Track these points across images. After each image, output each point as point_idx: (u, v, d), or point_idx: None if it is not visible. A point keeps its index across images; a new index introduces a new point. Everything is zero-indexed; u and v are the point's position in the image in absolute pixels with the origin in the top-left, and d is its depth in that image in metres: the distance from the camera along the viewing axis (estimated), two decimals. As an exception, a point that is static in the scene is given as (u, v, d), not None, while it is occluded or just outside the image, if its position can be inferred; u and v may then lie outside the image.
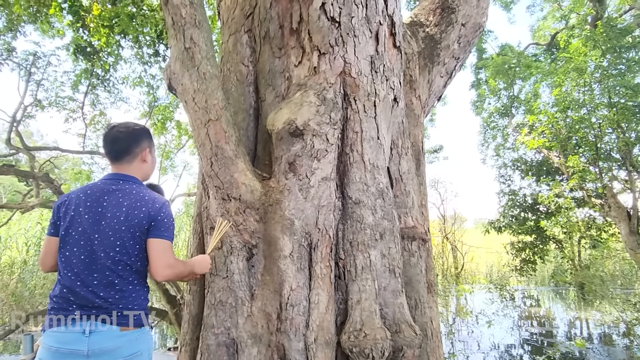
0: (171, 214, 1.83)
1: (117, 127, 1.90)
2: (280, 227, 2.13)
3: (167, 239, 1.74)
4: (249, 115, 2.61)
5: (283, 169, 2.19)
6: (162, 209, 1.76)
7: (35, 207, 4.85)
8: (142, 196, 1.77)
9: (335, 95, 2.23)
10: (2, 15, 7.68)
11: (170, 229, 1.79)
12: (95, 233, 1.69)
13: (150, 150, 1.96)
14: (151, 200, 1.77)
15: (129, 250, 1.70)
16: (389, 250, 2.17)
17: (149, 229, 1.71)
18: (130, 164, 1.87)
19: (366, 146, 2.25)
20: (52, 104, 8.04)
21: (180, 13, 2.27)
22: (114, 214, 1.71)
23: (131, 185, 1.81)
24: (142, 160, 1.90)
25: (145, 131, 1.96)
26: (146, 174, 1.95)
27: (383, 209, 2.23)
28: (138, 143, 1.89)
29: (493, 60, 9.89)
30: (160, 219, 1.73)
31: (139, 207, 1.73)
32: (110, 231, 1.69)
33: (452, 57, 3.42)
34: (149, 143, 1.95)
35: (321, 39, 2.25)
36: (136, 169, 1.88)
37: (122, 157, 1.85)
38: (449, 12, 3.42)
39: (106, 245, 1.68)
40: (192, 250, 2.54)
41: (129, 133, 1.88)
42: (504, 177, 11.24)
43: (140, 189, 1.81)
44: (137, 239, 1.71)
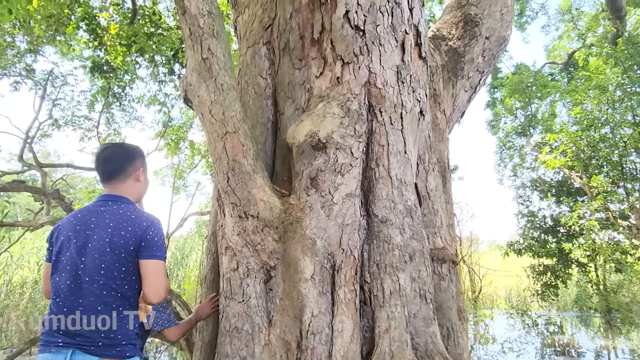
0: (161, 232, 1.74)
1: (111, 147, 1.90)
2: (300, 247, 1.98)
3: (160, 259, 1.66)
4: (267, 129, 2.49)
5: (304, 185, 2.05)
6: (150, 227, 1.68)
7: (45, 224, 4.80)
8: (129, 215, 1.71)
9: (360, 106, 2.10)
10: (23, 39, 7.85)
11: (163, 248, 1.71)
12: (82, 257, 1.64)
13: (144, 170, 1.93)
14: (138, 218, 1.70)
15: (114, 273, 1.62)
16: (419, 274, 1.99)
17: (137, 249, 1.64)
18: (123, 182, 1.83)
19: (393, 160, 2.10)
20: (68, 122, 8.11)
21: (198, 23, 2.19)
22: (100, 235, 1.65)
23: (119, 205, 1.75)
24: (135, 180, 1.87)
25: (139, 151, 1.94)
26: (139, 194, 1.92)
27: (412, 228, 2.06)
28: (132, 162, 1.86)
29: (509, 79, 9.76)
30: (150, 238, 1.66)
31: (124, 227, 1.66)
32: (96, 254, 1.63)
33: (477, 70, 3.29)
34: (142, 163, 1.92)
35: (345, 48, 2.14)
36: (129, 188, 1.84)
37: (116, 177, 1.82)
38: (472, 25, 3.31)
39: (91, 269, 1.61)
40: (206, 272, 2.39)
41: (122, 152, 1.87)
42: (522, 197, 10.94)
43: (128, 208, 1.74)
44: (123, 260, 1.63)
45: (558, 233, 9.95)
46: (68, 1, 5.13)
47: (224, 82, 2.13)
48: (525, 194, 11.01)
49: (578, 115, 7.56)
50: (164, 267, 1.69)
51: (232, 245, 2.10)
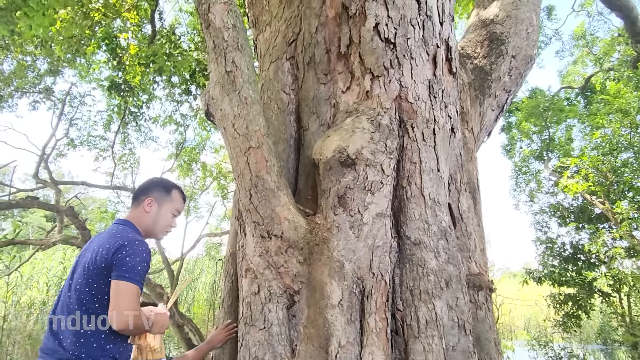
0: (138, 254, 1.61)
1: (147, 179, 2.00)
2: (327, 270, 1.84)
3: (130, 282, 1.53)
4: (290, 146, 2.39)
5: (331, 203, 1.92)
6: (126, 246, 1.59)
7: (57, 243, 4.71)
8: (114, 234, 1.67)
9: (391, 121, 1.99)
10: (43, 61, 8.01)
11: (135, 271, 1.56)
12: (74, 275, 1.65)
13: (158, 202, 1.88)
14: (118, 236, 1.64)
15: (85, 289, 1.58)
16: (456, 302, 1.83)
17: (109, 267, 1.57)
18: (134, 210, 1.86)
19: (426, 179, 1.97)
20: (84, 142, 8.16)
21: (223, 36, 2.13)
22: (90, 254, 1.64)
23: (118, 227, 1.74)
24: (144, 208, 1.85)
25: (159, 183, 1.94)
26: (146, 224, 1.84)
27: (447, 251, 1.91)
28: (146, 191, 1.88)
29: (525, 104, 9.66)
30: (122, 257, 1.57)
31: (104, 245, 1.61)
32: (82, 272, 1.62)
33: (504, 89, 3.19)
34: (158, 195, 1.89)
35: (375, 61, 2.06)
36: (136, 216, 1.84)
37: (132, 202, 1.89)
38: (498, 43, 3.23)
39: (74, 289, 1.61)
40: (223, 295, 2.25)
41: (146, 182, 1.94)
42: (540, 223, 10.64)
43: (120, 229, 1.71)
44: (94, 277, 1.58)
45: (579, 261, 9.59)
46: (90, 22, 5.22)
47: (248, 95, 2.05)
48: (543, 219, 10.70)
49: (599, 140, 7.38)
50: (132, 291, 1.53)
51: (253, 267, 1.97)
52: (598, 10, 11.32)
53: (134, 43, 5.49)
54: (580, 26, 12.32)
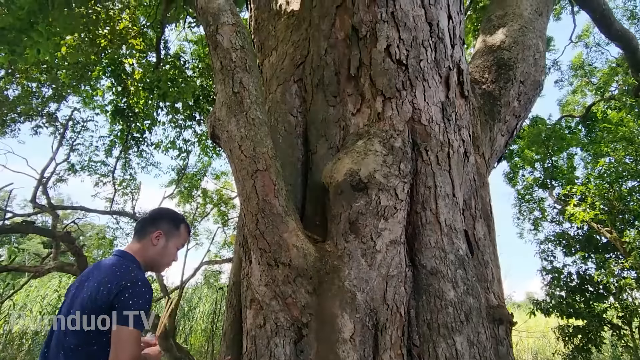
0: (143, 296, 1.52)
1: (153, 209, 1.92)
2: (338, 301, 1.71)
3: (130, 326, 1.45)
4: (297, 170, 2.31)
5: (342, 230, 1.82)
6: (130, 287, 1.50)
7: (52, 270, 4.54)
8: (115, 271, 1.57)
9: (405, 144, 1.91)
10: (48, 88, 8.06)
11: (137, 314, 1.48)
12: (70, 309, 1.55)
13: (166, 236, 1.80)
14: (121, 275, 1.54)
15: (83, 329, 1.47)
16: (477, 337, 1.70)
17: (109, 308, 1.47)
18: (139, 241, 1.77)
19: (441, 204, 1.88)
20: (85, 168, 8.10)
21: (231, 57, 2.09)
22: (87, 288, 1.55)
23: (118, 260, 1.66)
24: (151, 242, 1.77)
25: (169, 216, 1.87)
26: (150, 258, 1.77)
27: (465, 281, 1.79)
28: (155, 223, 1.81)
29: (526, 131, 9.69)
30: (125, 300, 1.47)
31: (105, 282, 1.52)
32: (78, 309, 1.51)
33: (513, 114, 3.14)
34: (167, 228, 1.82)
35: (386, 82, 2.00)
36: (141, 248, 1.76)
37: (137, 234, 1.80)
38: (506, 69, 3.20)
39: (69, 327, 1.50)
40: (226, 327, 2.11)
41: (153, 212, 1.86)
42: (545, 252, 10.43)
43: (121, 263, 1.62)
44: (93, 318, 1.48)
45: (586, 292, 9.33)
46: (96, 49, 5.26)
47: (256, 116, 1.99)
48: (548, 248, 10.50)
49: (602, 168, 7.32)
50: (135, 336, 1.46)
51: (258, 298, 1.85)
52: (595, 42, 11.53)
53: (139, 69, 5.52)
54: (578, 57, 12.50)
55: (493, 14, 3.60)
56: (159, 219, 1.83)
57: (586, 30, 11.83)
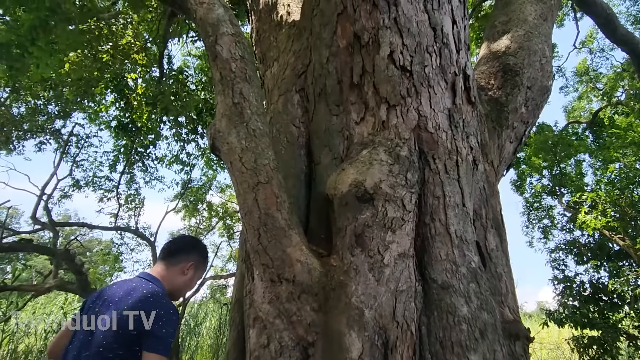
0: (173, 324, 1.60)
1: (184, 235, 1.98)
2: (345, 318, 1.63)
3: (162, 354, 1.51)
4: (300, 181, 2.24)
5: (348, 243, 1.74)
6: (163, 316, 1.56)
7: (52, 289, 4.47)
8: (147, 297, 1.61)
9: (411, 152, 1.84)
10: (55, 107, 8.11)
11: (167, 342, 1.54)
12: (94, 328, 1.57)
13: (196, 268, 1.86)
14: (153, 302, 1.59)
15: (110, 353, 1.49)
16: (494, 355, 1.60)
17: (141, 336, 1.52)
18: (169, 267, 1.80)
19: (451, 214, 1.80)
20: (89, 183, 8.09)
21: (230, 67, 2.04)
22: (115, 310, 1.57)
23: (147, 284, 1.69)
24: (182, 271, 1.81)
25: (202, 249, 1.92)
26: (177, 287, 1.82)
27: (479, 296, 1.70)
28: (188, 253, 1.84)
29: (533, 139, 9.60)
30: (158, 328, 1.53)
31: (137, 308, 1.55)
32: (104, 328, 1.54)
33: (521, 121, 3.07)
34: (198, 260, 1.87)
35: (390, 89, 1.94)
36: (171, 275, 1.80)
37: (167, 258, 1.81)
38: (513, 74, 3.14)
39: (95, 344, 1.51)
40: (228, 347, 2.02)
41: (187, 242, 1.88)
42: (556, 261, 10.24)
43: (151, 289, 1.65)
44: (122, 340, 1.51)
45: (600, 301, 9.11)
46: (99, 65, 5.28)
47: (257, 127, 1.94)
48: (559, 257, 10.31)
49: (613, 174, 7.19)
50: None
51: (262, 316, 1.77)
52: (600, 47, 11.47)
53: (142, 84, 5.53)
54: (583, 62, 12.44)
55: (497, 20, 3.55)
56: (193, 250, 1.87)
57: (590, 36, 11.78)
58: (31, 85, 5.76)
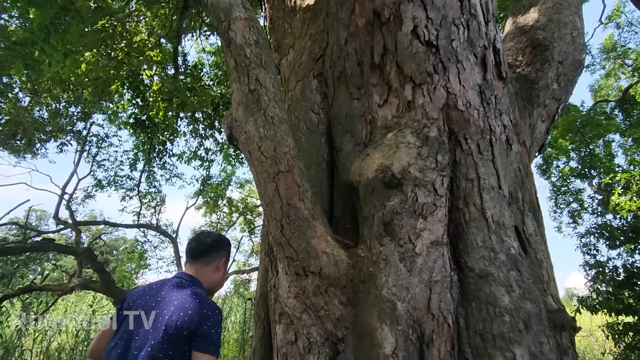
0: (220, 326, 1.59)
1: (206, 232, 1.96)
2: (376, 312, 1.53)
3: (214, 355, 1.50)
4: (322, 170, 2.15)
5: (376, 232, 1.64)
6: (211, 317, 1.55)
7: (76, 289, 4.52)
8: (194, 299, 1.59)
9: (440, 133, 1.72)
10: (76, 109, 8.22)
11: (218, 344, 1.55)
12: (139, 329, 1.56)
13: (226, 263, 1.88)
14: (201, 304, 1.57)
15: (159, 353, 1.47)
16: (540, 347, 1.47)
17: (191, 337, 1.50)
18: (204, 266, 1.78)
19: (486, 198, 1.67)
20: (111, 183, 8.19)
21: (245, 53, 1.95)
22: (161, 311, 1.57)
23: (191, 287, 1.67)
24: (216, 268, 1.81)
25: (228, 244, 1.92)
26: (214, 284, 1.83)
27: (520, 284, 1.57)
28: (218, 250, 1.84)
29: (560, 120, 9.22)
30: (207, 330, 1.52)
31: (185, 309, 1.54)
32: (151, 329, 1.53)
33: (553, 98, 2.88)
34: (227, 255, 1.89)
35: (416, 67, 1.81)
36: (207, 273, 1.78)
37: (200, 258, 1.79)
38: (542, 49, 2.95)
39: (141, 344, 1.50)
40: (254, 344, 1.96)
41: (214, 239, 1.87)
42: (587, 246, 9.87)
43: (196, 292, 1.64)
44: (172, 342, 1.48)
45: (635, 285, 8.75)
46: (114, 63, 5.28)
47: (275, 114, 1.84)
48: (590, 242, 9.93)
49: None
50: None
51: (288, 311, 1.69)
52: (628, 21, 10.91)
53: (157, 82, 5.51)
54: (609, 38, 11.88)
55: (523, -7, 3.35)
56: (222, 247, 1.86)
57: (617, 9, 11.23)
58: (50, 87, 5.84)
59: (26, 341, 7.50)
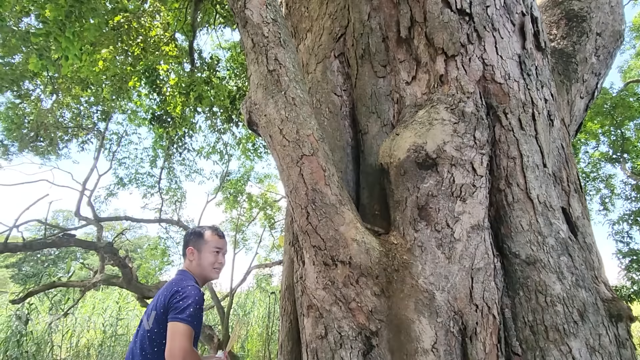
0: (190, 298, 1.71)
1: None
2: (413, 303, 1.41)
3: (180, 322, 1.63)
4: (347, 154, 2.02)
5: (410, 217, 1.51)
6: (179, 292, 1.72)
7: (98, 284, 4.54)
8: (171, 283, 1.83)
9: (478, 107, 1.57)
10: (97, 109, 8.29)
11: (186, 312, 1.66)
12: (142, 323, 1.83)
13: (197, 248, 2.00)
14: (173, 284, 1.80)
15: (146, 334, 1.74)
16: (599, 339, 1.33)
17: (166, 312, 1.71)
18: (185, 262, 2.03)
19: (530, 177, 1.52)
20: (132, 180, 8.25)
21: (262, 32, 1.83)
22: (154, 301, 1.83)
23: (176, 276, 1.93)
24: (189, 259, 2.00)
25: (191, 232, 2.08)
26: (197, 271, 1.97)
27: (572, 271, 1.43)
28: (186, 243, 2.05)
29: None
30: (176, 302, 1.70)
31: (164, 293, 1.77)
32: (147, 320, 1.78)
33: (592, 72, 2.68)
34: (195, 242, 2.02)
35: (448, 38, 1.67)
36: (187, 266, 2.00)
37: (184, 254, 2.05)
38: (579, 20, 2.74)
39: (139, 336, 1.78)
40: (281, 339, 1.86)
41: (184, 236, 2.11)
42: (619, 234, 9.48)
43: (177, 278, 1.89)
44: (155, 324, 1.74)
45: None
46: (130, 59, 5.26)
47: (296, 95, 1.72)
48: (622, 229, 9.54)
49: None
50: (184, 331, 1.62)
51: (316, 303, 1.58)
52: (660, -4, 10.32)
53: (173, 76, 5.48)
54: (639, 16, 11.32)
55: (554, -38, 3.13)
56: (188, 238, 2.05)
57: (647, -15, 10.64)
58: (69, 86, 5.87)
59: (55, 337, 7.65)
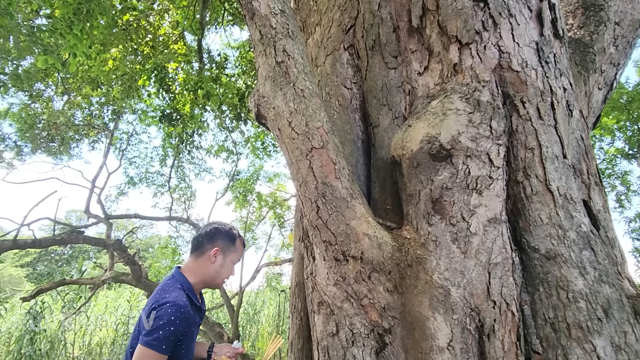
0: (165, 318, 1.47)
1: (210, 223, 1.86)
2: (427, 299, 1.36)
3: (146, 346, 1.43)
4: (358, 148, 1.98)
5: (424, 211, 1.46)
6: (156, 309, 1.49)
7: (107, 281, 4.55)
8: (158, 289, 1.63)
9: (494, 97, 1.51)
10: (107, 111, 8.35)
11: (155, 335, 1.44)
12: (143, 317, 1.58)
13: (223, 252, 1.75)
14: (157, 293, 1.59)
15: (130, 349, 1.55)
16: (624, 338, 1.26)
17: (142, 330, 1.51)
18: (197, 259, 1.73)
19: (550, 168, 1.46)
20: (142, 179, 8.30)
21: (270, 23, 1.80)
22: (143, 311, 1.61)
23: (167, 282, 1.65)
24: (209, 259, 1.71)
25: (225, 233, 1.80)
26: (209, 275, 1.72)
27: (595, 266, 1.36)
28: (212, 240, 1.75)
29: (604, 98, 8.65)
30: (148, 321, 1.49)
31: (150, 300, 1.57)
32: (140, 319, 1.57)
33: (610, 63, 2.60)
34: (224, 245, 1.76)
35: (462, 25, 1.61)
36: (200, 265, 1.71)
37: (194, 250, 1.75)
38: (597, 9, 2.66)
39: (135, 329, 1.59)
40: (292, 337, 1.82)
41: (208, 229, 1.79)
42: (636, 231, 9.29)
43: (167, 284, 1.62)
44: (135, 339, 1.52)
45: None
46: (140, 58, 5.27)
47: (305, 87, 1.68)
48: (639, 227, 9.34)
49: None
50: (147, 355, 1.42)
51: (327, 300, 1.53)
52: (677, -12, 10.08)
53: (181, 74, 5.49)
54: (655, 9, 11.05)
55: (569, -50, 3.04)
56: (216, 236, 1.76)
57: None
58: (79, 86, 5.92)
59: (68, 336, 7.72)
